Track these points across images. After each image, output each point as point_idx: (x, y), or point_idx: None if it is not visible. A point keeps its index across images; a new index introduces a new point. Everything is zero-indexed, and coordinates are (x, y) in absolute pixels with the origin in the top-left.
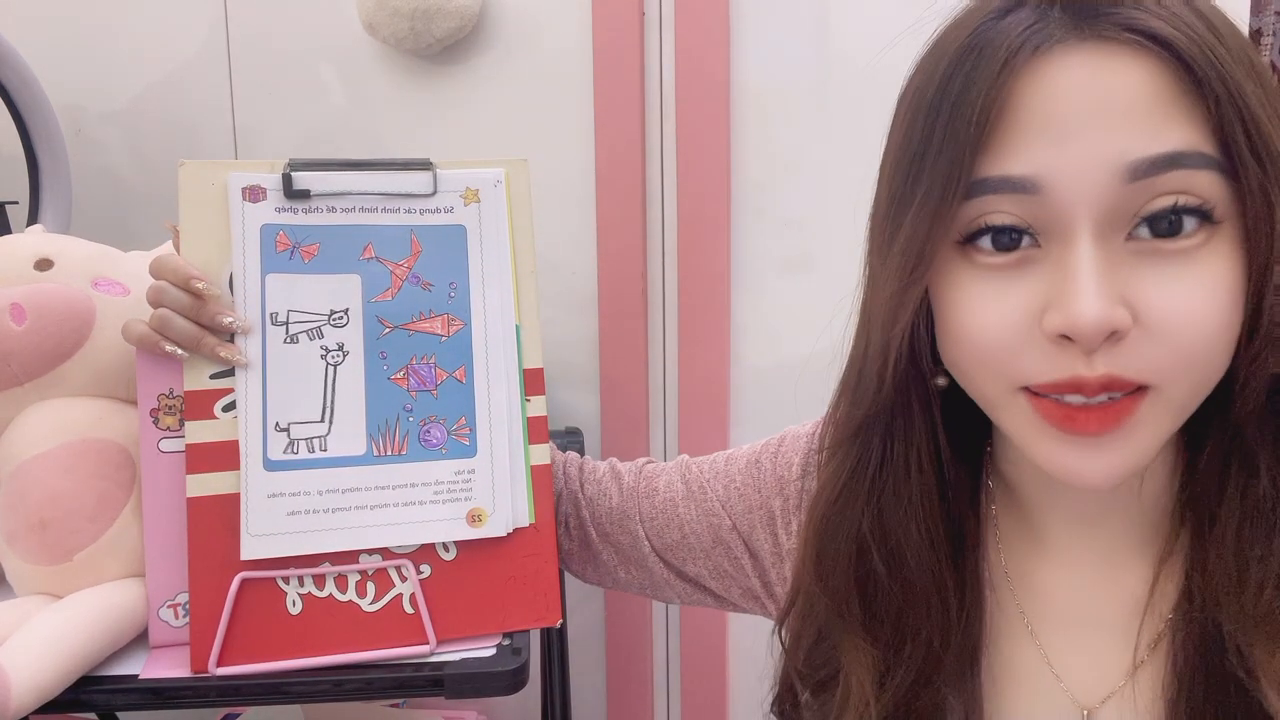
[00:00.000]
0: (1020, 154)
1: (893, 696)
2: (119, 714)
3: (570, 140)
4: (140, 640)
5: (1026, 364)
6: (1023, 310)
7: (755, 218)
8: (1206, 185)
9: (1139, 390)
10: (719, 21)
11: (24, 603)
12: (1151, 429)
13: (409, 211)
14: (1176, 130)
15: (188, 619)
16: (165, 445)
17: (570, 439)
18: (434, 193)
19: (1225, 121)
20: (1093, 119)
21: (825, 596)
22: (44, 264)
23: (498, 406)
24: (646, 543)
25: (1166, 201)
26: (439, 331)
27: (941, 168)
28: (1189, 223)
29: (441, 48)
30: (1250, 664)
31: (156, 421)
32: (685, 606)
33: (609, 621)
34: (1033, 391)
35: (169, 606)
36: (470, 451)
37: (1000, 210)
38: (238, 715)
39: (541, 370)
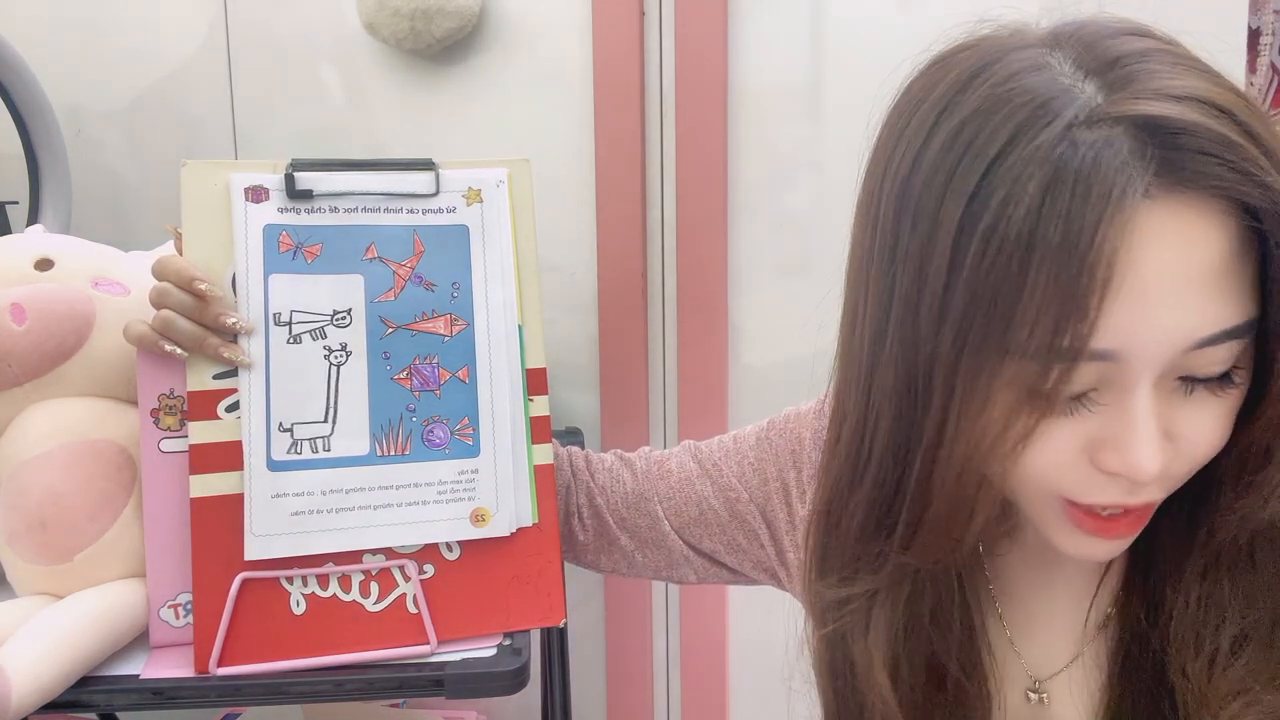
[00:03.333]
0: (1109, 324)
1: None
2: (119, 714)
3: (570, 140)
4: (141, 640)
5: (1071, 485)
6: (1077, 445)
7: (753, 218)
8: (1247, 345)
9: None
10: (718, 22)
11: (24, 603)
12: (1146, 521)
13: (411, 212)
14: (1240, 302)
15: (188, 619)
16: (166, 445)
17: (570, 439)
18: (436, 193)
19: (1276, 287)
20: (1175, 294)
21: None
22: (44, 264)
23: (501, 406)
24: (666, 522)
25: (1219, 370)
26: (442, 331)
27: (1045, 326)
28: (1227, 379)
29: (441, 48)
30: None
31: (157, 422)
32: (685, 606)
33: (609, 621)
34: (1069, 500)
35: (169, 606)
36: (473, 451)
37: (1078, 380)
38: (238, 715)
39: (544, 370)
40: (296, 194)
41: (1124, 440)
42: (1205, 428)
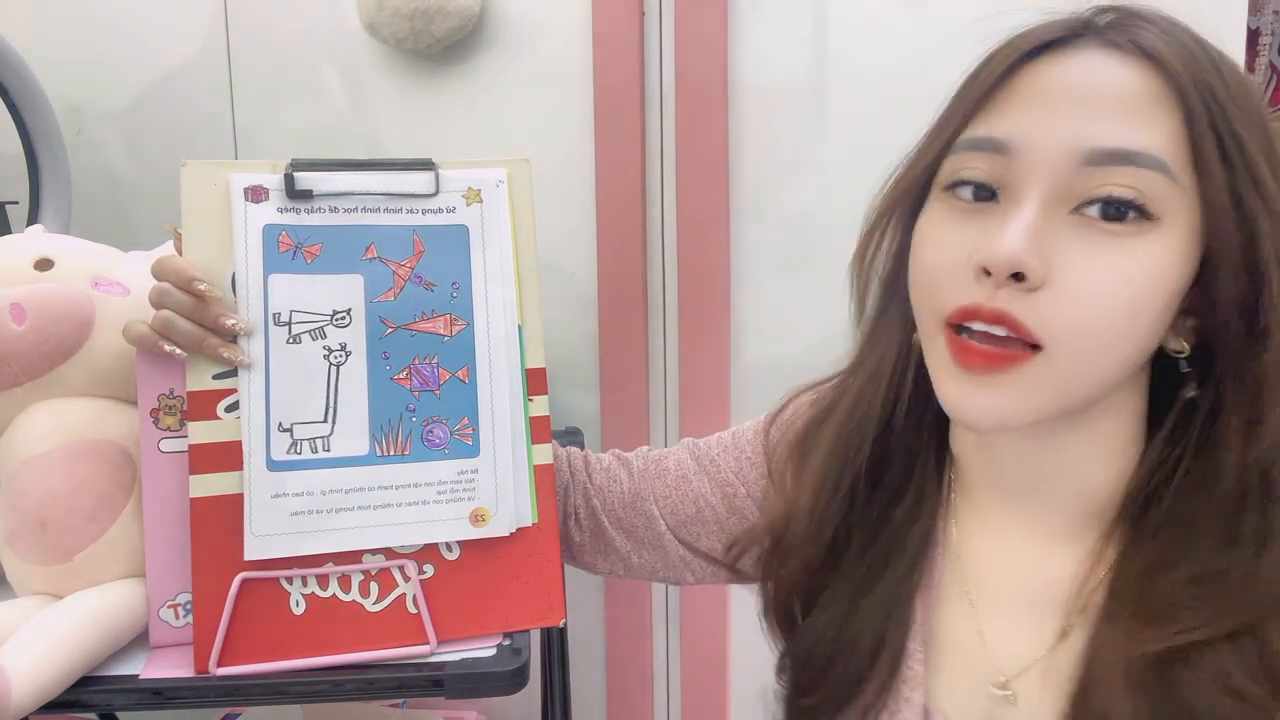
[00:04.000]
0: (1003, 120)
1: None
2: (119, 714)
3: (570, 140)
4: (140, 640)
5: (948, 294)
6: (963, 247)
7: (755, 217)
8: (1152, 185)
9: (1033, 348)
10: (718, 21)
11: (24, 603)
12: (1035, 388)
13: (411, 212)
14: (1141, 132)
15: (188, 619)
16: (165, 445)
17: (570, 439)
18: (436, 193)
19: (1197, 138)
20: (1069, 101)
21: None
22: (44, 264)
23: (500, 406)
24: (661, 521)
25: (1113, 191)
26: (441, 331)
27: (944, 129)
28: (1129, 213)
29: (441, 48)
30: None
31: (157, 422)
32: (685, 606)
33: (609, 621)
34: (949, 327)
35: (169, 606)
36: (473, 451)
37: (975, 166)
38: (238, 715)
39: (544, 370)
40: (296, 194)
41: (996, 234)
42: (1090, 266)
